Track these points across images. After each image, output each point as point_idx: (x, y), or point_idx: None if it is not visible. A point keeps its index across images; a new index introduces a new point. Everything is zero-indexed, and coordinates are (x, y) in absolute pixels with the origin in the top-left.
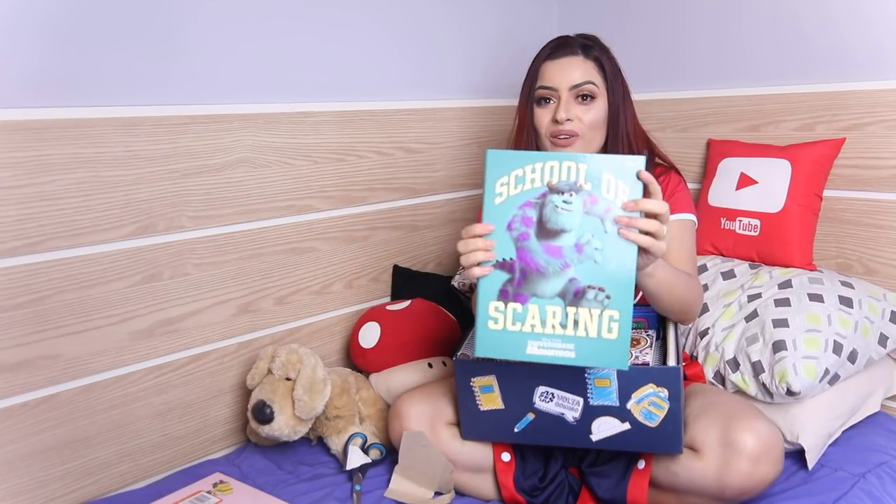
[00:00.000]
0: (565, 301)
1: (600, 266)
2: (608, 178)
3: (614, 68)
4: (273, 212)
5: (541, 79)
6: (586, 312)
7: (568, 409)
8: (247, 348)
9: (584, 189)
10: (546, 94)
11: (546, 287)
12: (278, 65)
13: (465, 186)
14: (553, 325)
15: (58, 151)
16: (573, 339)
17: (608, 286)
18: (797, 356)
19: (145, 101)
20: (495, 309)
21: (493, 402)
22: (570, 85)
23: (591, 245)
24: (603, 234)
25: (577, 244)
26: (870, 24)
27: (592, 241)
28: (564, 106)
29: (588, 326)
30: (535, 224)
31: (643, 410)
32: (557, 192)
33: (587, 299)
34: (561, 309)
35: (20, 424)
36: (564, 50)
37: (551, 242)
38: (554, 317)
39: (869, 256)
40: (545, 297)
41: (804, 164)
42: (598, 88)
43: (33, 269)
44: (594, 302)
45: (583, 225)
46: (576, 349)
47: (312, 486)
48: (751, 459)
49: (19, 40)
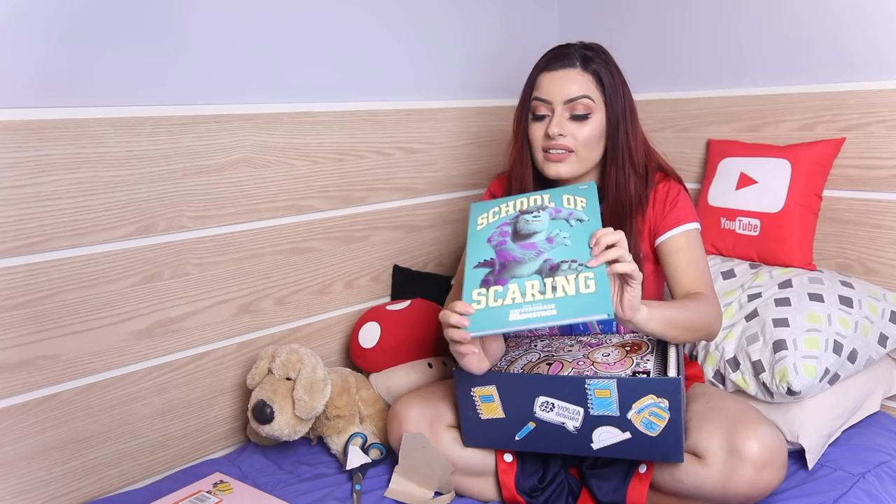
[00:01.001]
0: (542, 276)
1: (570, 247)
2: (567, 198)
3: (615, 81)
4: (273, 212)
5: (537, 89)
6: (563, 279)
7: (568, 419)
8: (247, 348)
9: (549, 206)
10: (540, 106)
11: (524, 269)
12: (278, 65)
13: (465, 186)
14: (532, 294)
15: (58, 151)
16: (553, 300)
17: (581, 257)
18: (797, 356)
19: (145, 101)
20: (477, 293)
21: (494, 411)
22: (564, 99)
23: (560, 236)
24: (569, 228)
25: (549, 238)
26: (869, 24)
27: (561, 233)
28: (557, 121)
29: (566, 288)
30: (511, 234)
31: (644, 420)
32: (527, 213)
33: (562, 270)
34: (539, 281)
35: (20, 424)
36: (562, 62)
37: (525, 241)
38: (533, 288)
39: (869, 256)
40: (523, 276)
41: (804, 163)
42: (594, 103)
43: (33, 269)
44: (569, 271)
45: (551, 226)
46: (556, 307)
47: (312, 486)
48: (756, 467)
49: (20, 40)
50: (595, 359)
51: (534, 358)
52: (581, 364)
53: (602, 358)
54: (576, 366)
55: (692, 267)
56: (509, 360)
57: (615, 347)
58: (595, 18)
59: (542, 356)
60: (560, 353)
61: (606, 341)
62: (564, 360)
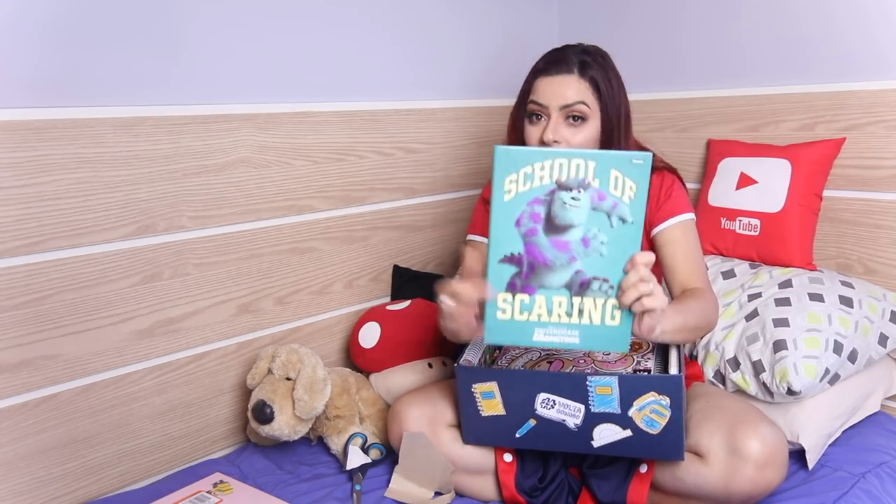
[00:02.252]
0: (571, 291)
1: (605, 259)
2: (615, 175)
3: (612, 87)
4: (273, 212)
5: (534, 93)
6: (591, 302)
7: (569, 416)
8: (247, 348)
9: (592, 186)
10: (537, 110)
11: (553, 279)
12: (278, 65)
13: (465, 186)
14: (559, 315)
15: (58, 151)
16: (578, 326)
17: (613, 277)
18: (798, 356)
19: (145, 101)
20: (503, 300)
21: (495, 408)
22: (560, 105)
23: (597, 239)
24: (609, 229)
25: (584, 238)
26: (870, 24)
27: (599, 235)
28: (553, 126)
29: (592, 315)
30: (543, 220)
31: (645, 418)
32: (566, 189)
33: (592, 289)
34: (567, 299)
35: (20, 424)
36: (559, 67)
37: (559, 237)
38: (560, 306)
39: (869, 256)
40: (552, 289)
41: (804, 163)
42: (590, 109)
43: (33, 269)
44: (599, 292)
45: (590, 220)
46: (580, 336)
47: (312, 486)
48: (757, 466)
49: (20, 41)
50: (596, 357)
51: (534, 356)
52: (581, 362)
53: (602, 356)
54: (576, 364)
55: (689, 258)
56: (510, 359)
57: None
58: (595, 18)
59: (543, 354)
60: (560, 351)
61: None
62: (565, 358)
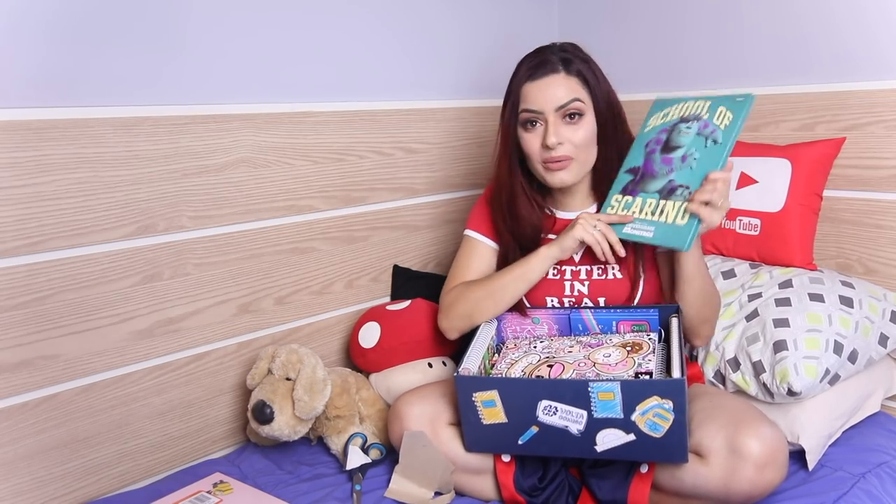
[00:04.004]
0: (660, 195)
1: (693, 171)
2: (721, 110)
3: (598, 78)
4: (273, 212)
5: (524, 101)
6: (671, 204)
7: (572, 422)
8: (247, 348)
9: (703, 118)
10: (532, 118)
11: (652, 185)
12: (278, 65)
13: (465, 186)
14: (646, 213)
15: (58, 151)
16: (654, 223)
17: (693, 186)
18: (798, 356)
19: (145, 101)
20: (615, 199)
21: (496, 416)
22: (555, 106)
23: (692, 156)
24: (703, 149)
25: (684, 156)
26: (869, 24)
27: (694, 154)
28: (553, 129)
29: (668, 214)
30: (663, 142)
31: (648, 422)
32: (684, 121)
33: (675, 195)
34: (655, 201)
35: (20, 424)
36: (544, 69)
37: (667, 154)
38: (648, 206)
39: (869, 256)
40: (649, 193)
41: (804, 163)
42: (584, 104)
43: (33, 269)
44: (678, 196)
45: (693, 142)
46: (654, 230)
47: (312, 486)
48: (757, 466)
49: (20, 41)
50: (596, 360)
51: (534, 360)
52: (582, 365)
53: (603, 359)
54: (577, 367)
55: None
56: (509, 363)
57: (616, 348)
58: (595, 18)
59: (543, 358)
60: (560, 354)
61: (607, 342)
62: (565, 361)
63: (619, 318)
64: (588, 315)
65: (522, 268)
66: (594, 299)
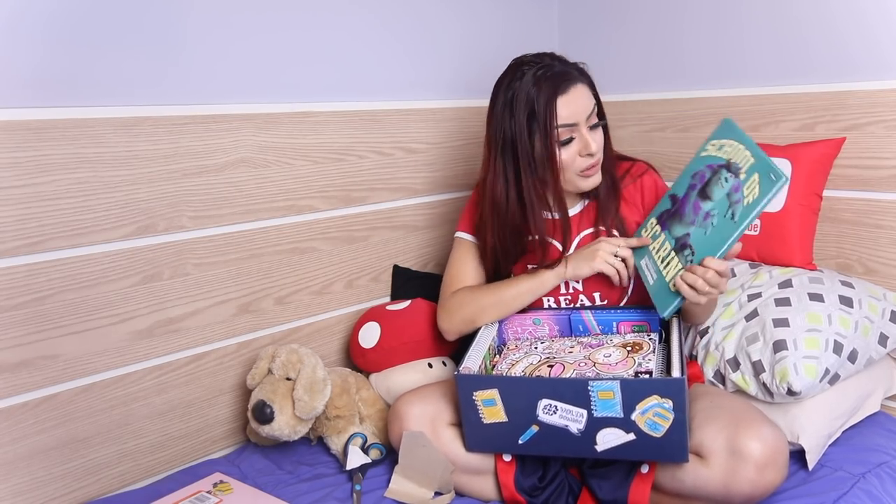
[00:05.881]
0: (674, 245)
1: (706, 237)
2: (755, 178)
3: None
4: (273, 212)
5: (559, 118)
6: (674, 262)
7: (572, 422)
8: (247, 348)
9: (739, 177)
10: (571, 133)
11: (677, 229)
12: (278, 65)
13: (465, 187)
14: (658, 256)
15: (58, 151)
16: (658, 272)
17: (699, 252)
18: (798, 356)
19: (145, 101)
20: (651, 223)
21: (497, 415)
22: (587, 116)
23: (712, 221)
24: (722, 217)
25: (708, 213)
26: (869, 24)
27: (715, 218)
28: (588, 140)
29: (669, 272)
30: (702, 183)
31: (648, 421)
32: (727, 169)
33: (682, 254)
34: (670, 249)
35: (20, 424)
36: (569, 81)
37: (699, 201)
38: (664, 250)
39: (869, 256)
40: (671, 235)
41: (804, 163)
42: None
43: (33, 269)
44: (683, 259)
45: (720, 202)
46: (653, 282)
47: (312, 486)
48: (757, 467)
49: (20, 40)
50: (596, 359)
51: (535, 360)
52: (582, 365)
53: (603, 359)
54: (577, 367)
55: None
56: (510, 363)
57: (616, 347)
58: (595, 18)
59: (543, 358)
60: (561, 354)
61: (607, 342)
62: (566, 361)
63: (620, 318)
64: (588, 316)
65: (533, 283)
66: (589, 295)
